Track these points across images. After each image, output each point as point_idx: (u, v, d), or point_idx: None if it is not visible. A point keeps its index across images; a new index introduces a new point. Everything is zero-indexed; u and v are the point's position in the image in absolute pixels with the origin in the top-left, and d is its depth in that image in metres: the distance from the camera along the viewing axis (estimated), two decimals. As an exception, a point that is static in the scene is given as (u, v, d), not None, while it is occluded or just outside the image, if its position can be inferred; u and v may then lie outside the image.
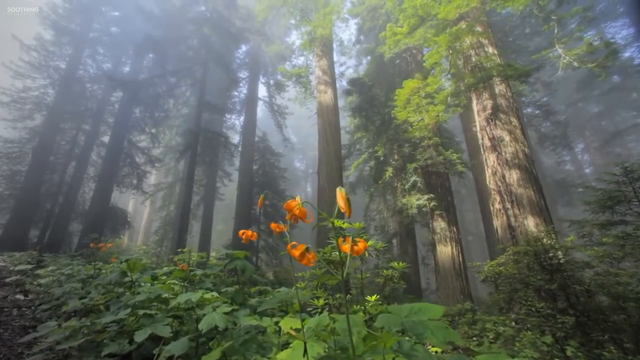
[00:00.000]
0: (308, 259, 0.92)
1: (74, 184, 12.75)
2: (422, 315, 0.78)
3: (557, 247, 2.79)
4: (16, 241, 10.35)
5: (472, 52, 7.70)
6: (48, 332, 1.46)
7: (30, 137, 13.47)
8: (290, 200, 0.96)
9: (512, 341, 2.27)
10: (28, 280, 3.06)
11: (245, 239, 1.54)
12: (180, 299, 1.33)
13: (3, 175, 12.95)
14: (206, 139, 12.72)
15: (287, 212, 0.94)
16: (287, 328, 1.06)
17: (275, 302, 1.36)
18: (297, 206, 0.94)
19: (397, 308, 0.84)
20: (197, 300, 1.35)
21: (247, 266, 1.56)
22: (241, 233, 1.57)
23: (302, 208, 0.96)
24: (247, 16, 15.58)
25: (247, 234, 1.57)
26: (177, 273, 1.82)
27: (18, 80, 13.75)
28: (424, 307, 0.82)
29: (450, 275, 7.59)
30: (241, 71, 17.32)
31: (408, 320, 0.76)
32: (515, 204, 5.72)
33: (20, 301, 2.54)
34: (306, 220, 0.94)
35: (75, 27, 14.15)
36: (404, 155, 9.93)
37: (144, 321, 1.28)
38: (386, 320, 0.77)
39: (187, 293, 1.39)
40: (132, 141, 14.29)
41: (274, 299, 1.40)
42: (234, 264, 1.58)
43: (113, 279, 1.68)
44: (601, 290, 2.38)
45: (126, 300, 1.48)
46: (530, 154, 6.32)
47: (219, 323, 1.19)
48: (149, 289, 1.60)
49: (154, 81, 13.43)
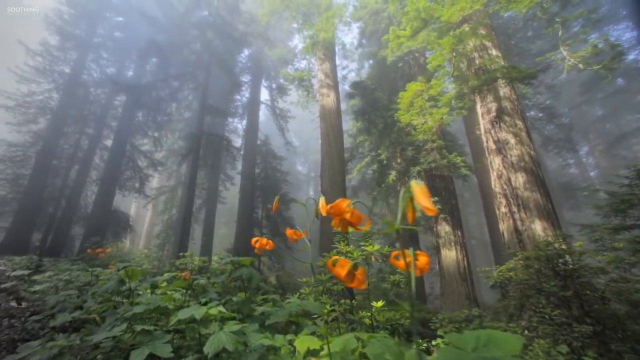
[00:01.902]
0: (358, 280, 0.70)
1: (77, 187, 12.78)
2: (494, 349, 0.60)
3: (570, 252, 2.70)
4: (19, 245, 10.35)
5: (476, 54, 7.67)
6: (30, 354, 1.28)
7: (34, 140, 13.56)
8: (340, 200, 0.75)
9: (525, 350, 2.18)
10: (24, 286, 2.98)
11: (259, 247, 1.43)
12: (182, 315, 1.20)
13: (7, 179, 13.00)
14: (208, 142, 12.73)
15: (335, 216, 0.74)
16: (304, 349, 0.94)
17: (285, 314, 1.25)
18: (348, 209, 0.74)
19: (459, 339, 0.64)
20: (202, 316, 1.22)
21: (254, 274, 1.47)
22: (254, 241, 1.47)
23: (356, 212, 0.76)
24: (249, 20, 15.69)
25: (262, 242, 1.46)
26: (179, 283, 1.69)
27: (23, 84, 13.90)
28: (493, 338, 0.62)
29: (455, 280, 7.46)
30: (243, 75, 17.41)
31: (477, 357, 0.59)
32: (522, 207, 5.62)
33: (13, 309, 2.45)
34: (360, 226, 0.74)
35: (80, 33, 14.32)
36: (407, 159, 9.86)
37: (141, 338, 1.16)
38: (450, 357, 0.60)
39: (190, 307, 1.27)
40: (135, 145, 14.34)
41: (284, 310, 1.30)
42: (240, 272, 1.50)
43: (109, 288, 1.59)
44: (617, 298, 2.29)
45: (123, 312, 1.37)
46: (536, 157, 6.24)
47: (227, 345, 1.07)
48: (147, 299, 1.48)
49: (157, 85, 13.51)
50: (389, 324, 2.15)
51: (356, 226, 0.72)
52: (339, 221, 0.74)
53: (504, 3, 6.60)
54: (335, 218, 0.75)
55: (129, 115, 13.43)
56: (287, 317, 1.17)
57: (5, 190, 12.89)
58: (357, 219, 0.72)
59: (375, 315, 2.25)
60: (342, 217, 0.73)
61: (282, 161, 15.74)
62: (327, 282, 2.45)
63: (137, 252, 14.14)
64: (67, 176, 13.27)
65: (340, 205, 0.72)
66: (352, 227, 0.73)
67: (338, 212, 0.73)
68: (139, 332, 1.24)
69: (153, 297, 1.48)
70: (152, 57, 13.37)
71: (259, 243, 1.50)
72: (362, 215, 0.75)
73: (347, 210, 0.72)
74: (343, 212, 0.73)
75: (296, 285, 7.24)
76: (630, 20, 17.03)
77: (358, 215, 0.73)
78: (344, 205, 0.72)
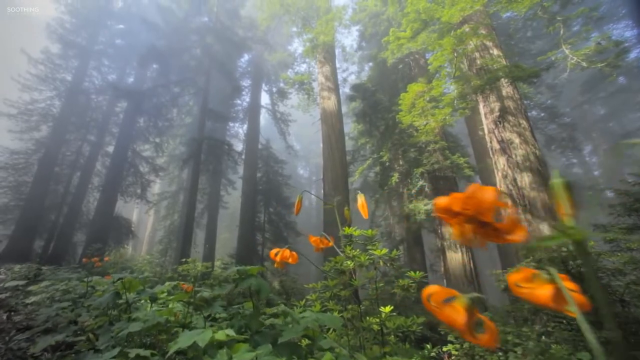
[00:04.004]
0: (491, 333, 0.43)
1: (79, 194, 12.76)
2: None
3: (586, 254, 2.58)
4: (21, 252, 10.30)
5: (477, 54, 7.62)
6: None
7: (36, 148, 13.59)
8: (476, 188, 0.41)
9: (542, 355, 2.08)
10: (20, 297, 2.88)
11: (281, 261, 1.19)
12: (183, 343, 1.04)
13: (9, 186, 13.01)
14: (210, 147, 12.71)
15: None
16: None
17: (300, 331, 1.11)
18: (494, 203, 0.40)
19: None
20: (207, 342, 1.04)
21: (263, 285, 1.31)
22: (273, 254, 1.23)
23: None
24: (249, 25, 15.77)
25: (284, 255, 1.20)
26: (180, 296, 1.51)
27: (26, 92, 13.99)
28: None
29: (461, 283, 7.34)
30: (244, 79, 17.45)
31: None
32: (529, 208, 5.53)
33: (4, 323, 2.34)
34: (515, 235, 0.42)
35: (81, 41, 14.43)
36: (410, 160, 9.79)
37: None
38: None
39: (192, 332, 1.10)
40: (136, 151, 14.35)
41: (298, 326, 1.14)
42: (247, 283, 1.31)
43: (104, 302, 1.47)
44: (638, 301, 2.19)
45: (118, 330, 1.25)
46: (541, 156, 6.15)
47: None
48: (145, 315, 1.34)
49: (158, 91, 13.54)
50: (400, 331, 2.06)
51: (510, 237, 0.38)
52: (469, 227, 0.40)
53: (504, 3, 6.58)
54: (459, 223, 0.41)
55: (130, 121, 13.46)
56: (302, 333, 1.06)
57: (7, 198, 12.89)
58: (510, 224, 0.37)
59: (385, 321, 2.16)
60: (482, 218, 0.39)
61: (283, 165, 15.69)
62: (334, 288, 2.37)
63: (139, 258, 14.06)
64: (69, 183, 13.26)
65: (480, 196, 0.37)
66: (501, 239, 0.38)
67: (477, 210, 0.38)
68: (134, 358, 1.10)
69: (151, 313, 1.35)
70: (153, 63, 13.43)
71: (280, 256, 1.22)
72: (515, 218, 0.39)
73: (492, 207, 0.36)
74: (486, 209, 0.38)
75: (300, 291, 7.13)
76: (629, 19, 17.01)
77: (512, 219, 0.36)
78: (489, 198, 0.37)
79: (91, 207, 14.07)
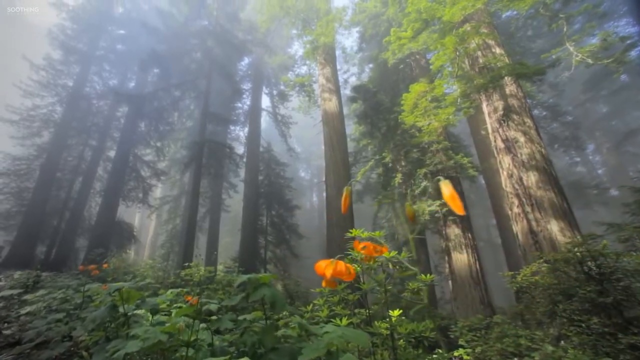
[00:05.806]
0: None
1: (81, 199, 12.74)
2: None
3: (604, 254, 2.49)
4: (23, 258, 10.25)
5: (479, 53, 7.56)
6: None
7: (38, 154, 13.60)
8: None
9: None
10: (15, 307, 2.77)
11: (332, 279, 0.92)
12: None
13: (11, 192, 13.00)
14: (211, 150, 12.67)
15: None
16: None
17: (322, 349, 0.93)
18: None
19: None
20: None
21: (278, 296, 1.16)
22: (320, 266, 0.95)
23: None
24: (249, 28, 15.80)
25: (339, 270, 0.92)
26: (185, 310, 1.36)
27: (27, 98, 14.03)
28: None
29: (467, 284, 7.22)
30: (244, 82, 17.46)
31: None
32: (536, 207, 5.43)
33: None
34: None
35: (82, 47, 14.49)
36: (412, 161, 9.70)
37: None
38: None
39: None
40: (138, 155, 14.34)
41: (320, 342, 0.98)
42: (260, 294, 1.17)
43: (99, 316, 1.32)
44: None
45: (113, 350, 1.09)
46: (547, 155, 6.06)
47: None
48: (145, 332, 1.17)
49: (159, 95, 13.55)
50: (412, 337, 1.98)
51: None
52: None
53: (506, 1, 6.52)
54: None
55: (131, 125, 13.46)
56: (325, 350, 0.92)
57: (9, 204, 12.88)
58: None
59: (396, 326, 2.08)
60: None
61: (285, 167, 15.63)
62: (342, 292, 2.29)
63: (141, 263, 14.00)
64: (70, 188, 13.25)
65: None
66: None
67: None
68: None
69: (152, 330, 1.19)
70: (154, 67, 13.45)
71: (332, 270, 0.92)
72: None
73: None
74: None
75: (304, 294, 7.04)
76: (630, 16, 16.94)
77: None
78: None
79: (93, 212, 14.05)
